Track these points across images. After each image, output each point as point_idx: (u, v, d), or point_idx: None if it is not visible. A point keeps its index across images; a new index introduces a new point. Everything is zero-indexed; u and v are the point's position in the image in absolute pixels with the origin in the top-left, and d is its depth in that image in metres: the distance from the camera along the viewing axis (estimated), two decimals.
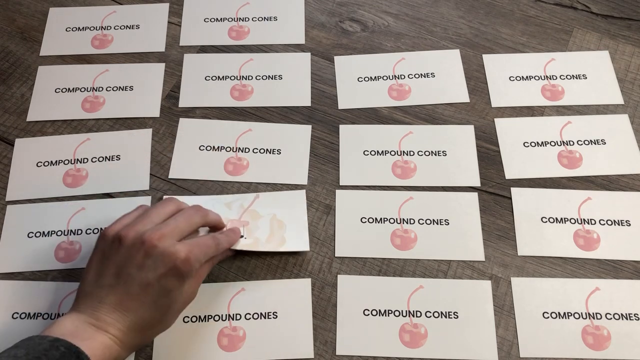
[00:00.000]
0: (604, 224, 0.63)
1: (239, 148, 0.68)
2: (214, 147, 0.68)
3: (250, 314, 0.59)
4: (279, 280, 0.61)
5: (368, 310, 0.59)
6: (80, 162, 0.67)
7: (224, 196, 0.65)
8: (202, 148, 0.68)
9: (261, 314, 0.59)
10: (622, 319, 0.58)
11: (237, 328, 0.58)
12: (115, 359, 0.50)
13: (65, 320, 0.50)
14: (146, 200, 0.65)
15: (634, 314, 0.58)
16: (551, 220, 0.64)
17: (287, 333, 0.58)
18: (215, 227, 0.59)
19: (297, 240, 0.62)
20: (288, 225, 0.63)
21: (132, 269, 0.50)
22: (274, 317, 0.59)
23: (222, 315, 0.59)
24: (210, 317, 0.59)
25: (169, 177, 0.66)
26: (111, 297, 0.50)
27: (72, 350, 0.46)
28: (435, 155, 0.68)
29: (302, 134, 0.69)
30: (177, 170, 0.67)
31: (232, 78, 0.73)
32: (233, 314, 0.59)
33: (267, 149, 0.68)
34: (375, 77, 0.73)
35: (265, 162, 0.67)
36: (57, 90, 0.73)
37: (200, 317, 0.59)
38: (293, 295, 0.60)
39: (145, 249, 0.51)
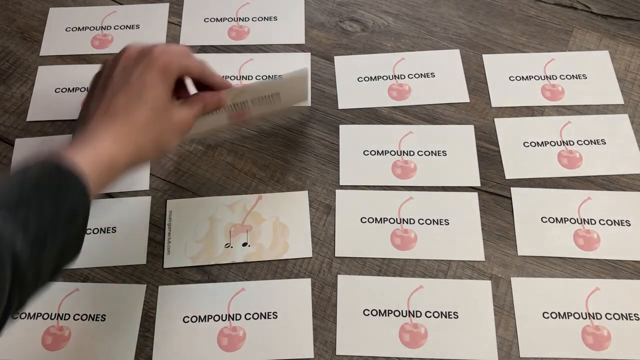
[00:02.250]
0: (604, 224, 0.63)
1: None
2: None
3: (250, 314, 0.59)
4: (279, 280, 0.61)
5: (368, 310, 0.59)
6: None
7: (227, 197, 0.65)
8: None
9: (261, 314, 0.59)
10: (622, 319, 0.58)
11: (237, 328, 0.58)
12: (110, 161, 0.48)
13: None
14: (146, 201, 0.65)
15: (634, 314, 0.58)
16: (551, 220, 0.64)
17: (287, 333, 0.58)
18: (218, 88, 0.59)
19: (299, 246, 0.62)
20: (291, 229, 0.63)
21: (117, 76, 0.53)
22: (274, 317, 0.59)
23: (222, 315, 0.59)
24: (210, 317, 0.59)
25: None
26: (98, 108, 0.51)
27: (48, 159, 0.45)
28: (435, 155, 0.68)
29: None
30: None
31: (232, 78, 0.73)
32: (233, 314, 0.59)
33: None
34: (375, 77, 0.73)
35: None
36: (57, 90, 0.73)
37: (200, 317, 0.59)
38: (293, 295, 0.60)
39: (126, 55, 0.54)
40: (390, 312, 0.59)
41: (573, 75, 0.73)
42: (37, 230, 0.41)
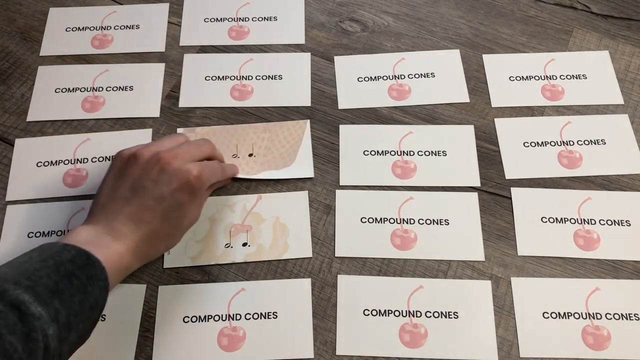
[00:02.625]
0: (604, 224, 0.63)
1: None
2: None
3: (250, 314, 0.59)
4: (279, 280, 0.61)
5: (368, 310, 0.59)
6: (80, 162, 0.67)
7: (227, 197, 0.65)
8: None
9: (261, 314, 0.59)
10: (622, 319, 0.58)
11: (237, 328, 0.58)
12: (126, 267, 0.53)
13: (79, 230, 0.53)
14: None
15: (634, 314, 0.58)
16: (551, 220, 0.64)
17: (287, 333, 0.58)
18: (220, 160, 0.64)
19: (299, 246, 0.62)
20: (291, 229, 0.63)
21: (148, 182, 0.55)
22: (274, 317, 0.59)
23: (222, 315, 0.59)
24: (210, 317, 0.59)
25: None
26: (126, 208, 0.54)
27: (81, 252, 0.49)
28: (435, 155, 0.68)
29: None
30: None
31: (232, 78, 0.73)
32: (233, 314, 0.59)
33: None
34: (375, 77, 0.73)
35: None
36: (57, 90, 0.73)
37: (200, 317, 0.59)
38: (293, 295, 0.60)
39: (161, 165, 0.55)
40: (390, 312, 0.59)
41: (573, 75, 0.73)
42: (65, 322, 0.46)
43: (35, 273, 0.47)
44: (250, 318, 0.59)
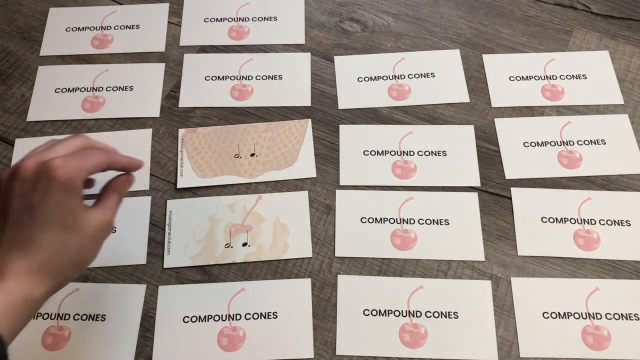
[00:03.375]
0: (604, 224, 0.63)
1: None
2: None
3: (250, 314, 0.59)
4: (279, 280, 0.61)
5: (368, 310, 0.59)
6: None
7: (227, 197, 0.65)
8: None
9: (261, 314, 0.59)
10: (622, 319, 0.58)
11: (237, 328, 0.58)
12: (24, 300, 0.45)
13: None
14: (146, 201, 0.65)
15: (634, 314, 0.58)
16: (551, 220, 0.64)
17: (287, 333, 0.58)
18: (128, 170, 0.54)
19: (299, 246, 0.62)
20: (291, 229, 0.63)
21: (14, 199, 0.46)
22: (274, 317, 0.59)
23: (222, 315, 0.59)
24: (210, 317, 0.59)
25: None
26: (2, 239, 0.46)
27: None
28: (435, 155, 0.68)
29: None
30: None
31: (232, 78, 0.73)
32: (233, 314, 0.59)
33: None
34: (375, 77, 0.73)
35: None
36: (57, 90, 0.73)
37: (200, 317, 0.59)
38: (293, 295, 0.60)
39: (22, 176, 0.47)
40: (390, 312, 0.59)
41: (573, 75, 0.73)
42: None
43: None
44: (250, 318, 0.59)
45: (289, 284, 0.61)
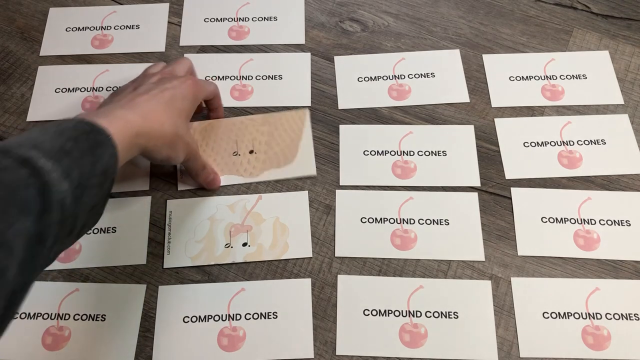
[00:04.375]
0: (604, 224, 0.63)
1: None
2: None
3: (250, 314, 0.59)
4: (279, 280, 0.61)
5: (368, 310, 0.59)
6: None
7: (227, 197, 0.65)
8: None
9: (261, 314, 0.59)
10: (622, 319, 0.58)
11: (237, 328, 0.58)
12: (135, 134, 0.51)
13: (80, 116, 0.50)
14: (146, 201, 0.65)
15: (634, 314, 0.58)
16: (551, 220, 0.64)
17: (287, 333, 0.58)
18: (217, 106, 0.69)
19: (299, 246, 0.62)
20: (291, 229, 0.63)
21: (153, 77, 0.61)
22: (274, 317, 0.59)
23: (222, 315, 0.59)
24: (210, 317, 0.59)
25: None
26: (123, 100, 0.56)
27: (83, 121, 0.47)
28: (435, 155, 0.68)
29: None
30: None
31: (232, 78, 0.73)
32: (233, 314, 0.59)
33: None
34: (375, 77, 0.73)
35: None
36: (57, 90, 0.73)
37: (200, 317, 0.59)
38: (293, 295, 0.60)
39: (166, 70, 0.63)
40: (390, 312, 0.59)
41: (573, 75, 0.73)
42: (78, 180, 0.43)
43: (38, 138, 0.43)
44: (250, 318, 0.59)
45: (289, 284, 0.61)
